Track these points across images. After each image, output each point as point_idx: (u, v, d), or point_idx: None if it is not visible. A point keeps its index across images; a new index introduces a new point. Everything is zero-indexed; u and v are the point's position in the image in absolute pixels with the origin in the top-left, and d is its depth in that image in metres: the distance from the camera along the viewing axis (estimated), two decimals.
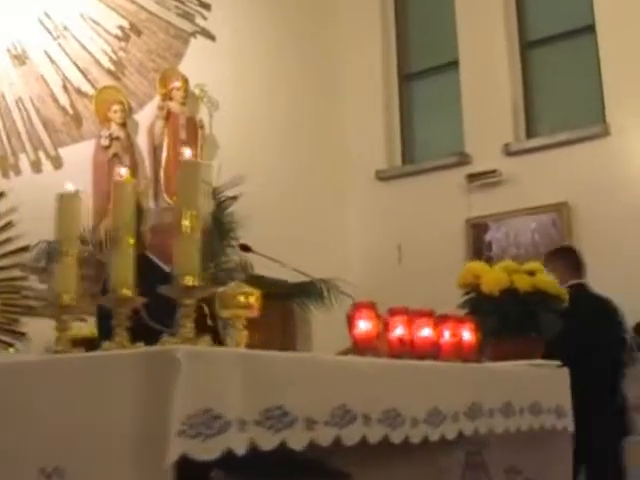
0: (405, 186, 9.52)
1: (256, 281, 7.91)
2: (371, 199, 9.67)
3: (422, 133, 9.91)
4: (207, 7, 8.57)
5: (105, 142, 7.43)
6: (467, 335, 3.64)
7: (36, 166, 7.14)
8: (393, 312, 3.34)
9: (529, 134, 9.05)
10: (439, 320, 3.53)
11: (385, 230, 9.40)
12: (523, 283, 3.86)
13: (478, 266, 4.04)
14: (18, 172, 7.03)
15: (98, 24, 7.68)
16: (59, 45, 7.35)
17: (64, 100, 7.35)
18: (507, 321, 3.86)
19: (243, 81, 8.84)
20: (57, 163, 7.26)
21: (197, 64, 8.42)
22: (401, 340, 3.26)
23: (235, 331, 2.63)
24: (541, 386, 3.92)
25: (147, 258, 4.55)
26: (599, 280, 7.88)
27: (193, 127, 8.11)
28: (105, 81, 7.68)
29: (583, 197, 8.38)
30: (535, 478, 4.18)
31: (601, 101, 8.55)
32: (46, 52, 7.27)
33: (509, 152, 8.88)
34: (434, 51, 9.94)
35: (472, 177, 8.94)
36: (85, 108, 7.49)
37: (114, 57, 7.77)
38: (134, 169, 7.56)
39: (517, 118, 9.05)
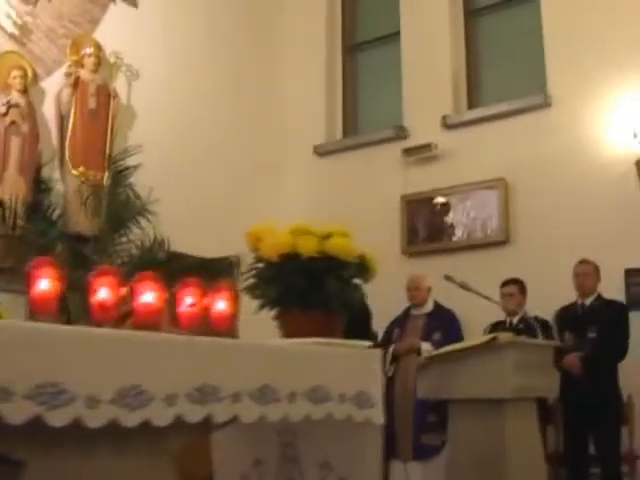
0: (343, 161, 9.15)
1: (176, 258, 7.66)
2: (308, 174, 9.27)
3: (364, 106, 9.49)
4: None
5: (2, 109, 7.08)
6: (221, 305, 3.24)
7: None
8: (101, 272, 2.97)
9: (470, 105, 8.58)
10: (180, 287, 3.15)
11: (322, 206, 8.98)
12: (307, 247, 3.43)
13: (262, 227, 3.61)
14: None
15: None
16: None
17: None
18: (289, 291, 3.45)
19: (168, 50, 8.50)
20: None
21: (117, 31, 8.04)
22: (102, 305, 2.88)
23: None
24: (340, 370, 3.51)
25: None
26: (534, 259, 7.56)
27: (105, 96, 7.73)
28: (8, 47, 7.33)
29: (521, 172, 7.93)
30: (346, 476, 3.80)
31: (543, 72, 8.07)
32: None
33: (447, 125, 8.43)
34: (379, 21, 9.51)
35: (408, 151, 8.51)
36: None
37: (19, 21, 7.42)
38: (34, 137, 7.24)
39: (458, 89, 8.62)
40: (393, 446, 6.96)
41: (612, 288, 6.91)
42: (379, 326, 7.35)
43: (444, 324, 7.17)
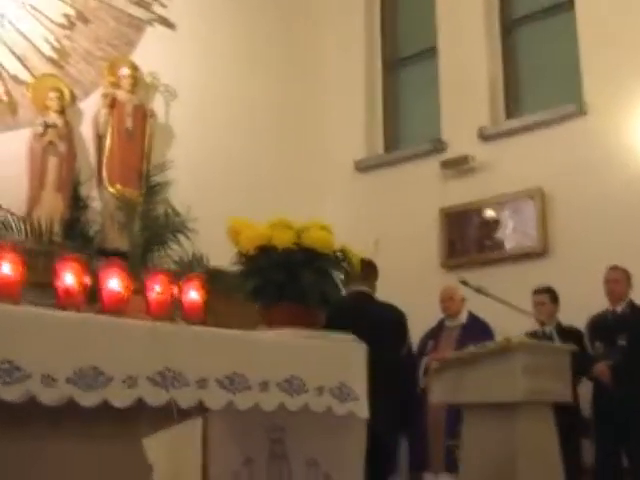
0: (383, 176, 9.16)
1: (214, 274, 7.76)
2: (349, 191, 9.30)
3: (404, 121, 9.51)
4: None
5: (39, 129, 7.30)
6: (193, 294, 3.28)
7: None
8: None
9: (508, 116, 8.53)
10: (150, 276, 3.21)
11: (362, 222, 8.99)
12: (283, 239, 3.45)
13: (241, 221, 3.64)
14: None
15: (40, 12, 7.58)
16: None
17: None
18: (266, 284, 3.47)
19: (206, 69, 8.65)
20: None
21: (154, 53, 8.26)
22: (67, 290, 2.95)
23: None
24: (318, 363, 3.51)
25: None
26: (573, 270, 7.42)
27: (142, 115, 7.91)
28: (46, 69, 7.57)
29: (558, 181, 7.83)
30: (331, 473, 3.79)
31: (579, 80, 7.98)
32: None
33: (483, 136, 8.38)
34: (417, 37, 9.54)
35: (445, 164, 8.48)
36: (23, 96, 7.39)
37: (57, 45, 7.66)
38: (71, 157, 7.44)
39: (495, 101, 8.59)
40: (425, 457, 6.90)
41: None
42: (419, 338, 7.32)
43: (478, 335, 7.04)
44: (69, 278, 3.00)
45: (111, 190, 7.60)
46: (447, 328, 7.24)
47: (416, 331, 7.32)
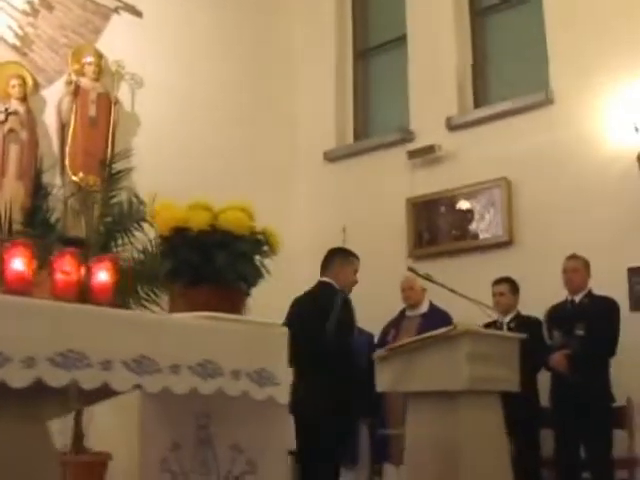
0: (352, 166, 9.12)
1: None
2: (318, 179, 9.26)
3: (374, 111, 9.47)
4: None
5: (0, 117, 7.26)
6: (102, 276, 3.23)
7: None
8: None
9: (476, 105, 8.47)
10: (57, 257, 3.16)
11: (331, 211, 8.99)
12: (198, 221, 3.41)
13: (162, 203, 3.61)
14: None
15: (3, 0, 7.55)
16: None
17: None
18: (181, 265, 3.43)
19: (174, 58, 8.61)
20: None
21: (121, 41, 8.20)
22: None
23: None
24: (234, 346, 3.46)
25: None
26: (538, 259, 7.37)
27: (106, 103, 7.87)
28: (10, 57, 7.52)
29: (525, 170, 7.78)
30: (255, 459, 3.75)
31: (546, 69, 7.93)
32: None
33: (451, 126, 8.33)
34: (387, 26, 9.49)
35: (413, 154, 8.43)
36: None
37: (20, 32, 7.62)
38: (33, 144, 7.39)
39: (463, 90, 8.51)
40: (386, 449, 6.87)
41: (615, 287, 6.70)
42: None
43: (438, 325, 6.96)
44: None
45: (74, 178, 7.55)
46: (408, 318, 7.21)
47: (384, 320, 7.33)
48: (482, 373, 4.81)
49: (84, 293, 3.23)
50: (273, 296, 7.59)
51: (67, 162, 7.59)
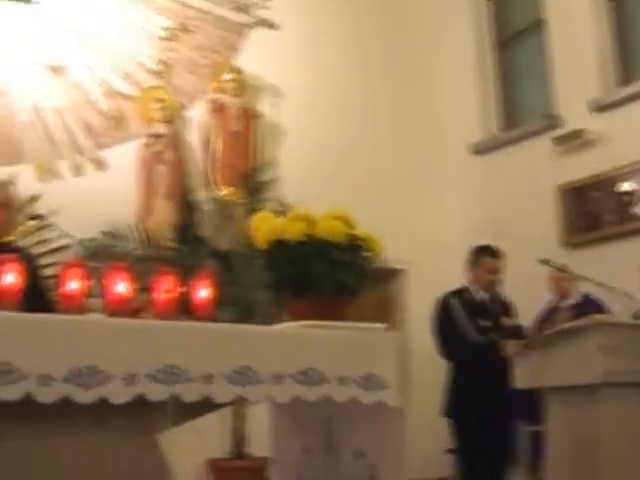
0: (498, 157, 8.96)
1: None
2: (465, 174, 9.15)
3: (517, 99, 9.25)
4: None
5: (146, 140, 7.61)
6: (202, 292, 3.35)
7: (76, 169, 7.45)
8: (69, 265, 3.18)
9: (621, 84, 8.11)
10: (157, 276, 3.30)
11: (479, 204, 8.88)
12: (294, 232, 3.46)
13: (261, 216, 3.68)
14: (57, 176, 7.36)
15: (142, 28, 7.90)
16: (99, 53, 7.63)
17: (106, 105, 7.61)
18: (280, 278, 3.50)
19: (313, 66, 8.73)
20: (100, 165, 7.53)
21: (259, 55, 8.41)
22: (69, 295, 3.08)
23: None
24: (339, 353, 3.50)
25: None
26: None
27: (247, 117, 8.10)
28: (152, 82, 7.87)
29: None
30: (375, 463, 3.79)
31: None
32: (85, 61, 7.57)
33: (597, 107, 8.02)
34: (525, 12, 9.25)
35: (559, 140, 8.19)
36: (130, 110, 7.72)
37: (161, 58, 7.95)
38: (179, 164, 7.70)
39: (606, 69, 8.15)
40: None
41: None
42: None
43: (591, 314, 6.79)
44: (73, 284, 3.13)
45: (220, 192, 7.81)
46: (559, 309, 7.00)
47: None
48: (617, 365, 4.61)
49: (188, 310, 3.36)
50: (433, 293, 7.63)
51: (213, 178, 7.84)
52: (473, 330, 5.59)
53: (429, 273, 8.48)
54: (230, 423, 7.09)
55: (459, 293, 5.82)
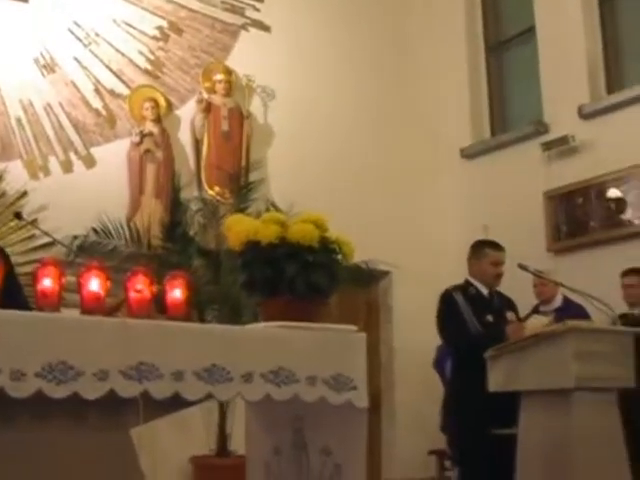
0: (488, 162, 9.02)
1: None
2: (456, 178, 9.20)
3: (508, 105, 9.32)
4: None
5: (136, 139, 7.66)
6: (176, 293, 3.40)
7: (66, 166, 7.50)
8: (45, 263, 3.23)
9: (609, 91, 8.17)
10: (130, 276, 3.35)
11: (471, 208, 8.95)
12: (267, 234, 3.51)
13: (236, 218, 3.73)
14: (47, 173, 7.40)
15: (133, 27, 7.94)
16: (90, 51, 7.68)
17: (96, 103, 7.66)
18: (253, 278, 3.55)
19: (304, 68, 8.77)
20: (89, 163, 7.58)
21: (251, 56, 8.46)
22: (44, 292, 3.13)
23: None
24: (309, 353, 3.54)
25: None
26: None
27: (238, 117, 8.14)
28: (142, 81, 7.91)
29: None
30: (340, 462, 3.83)
31: None
32: (77, 59, 7.60)
33: (585, 115, 8.07)
34: (518, 18, 9.31)
35: (547, 145, 8.25)
36: (120, 109, 7.77)
37: (151, 57, 7.99)
38: (168, 163, 7.75)
39: (595, 78, 8.21)
40: None
41: None
42: None
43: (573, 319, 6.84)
44: (47, 282, 3.19)
45: (210, 192, 7.87)
46: (542, 313, 7.05)
47: None
48: (592, 370, 4.66)
49: (161, 309, 3.41)
50: (419, 295, 7.68)
51: (203, 177, 7.90)
52: (479, 326, 5.52)
53: (417, 275, 8.54)
54: (215, 421, 7.14)
55: (462, 288, 5.76)
